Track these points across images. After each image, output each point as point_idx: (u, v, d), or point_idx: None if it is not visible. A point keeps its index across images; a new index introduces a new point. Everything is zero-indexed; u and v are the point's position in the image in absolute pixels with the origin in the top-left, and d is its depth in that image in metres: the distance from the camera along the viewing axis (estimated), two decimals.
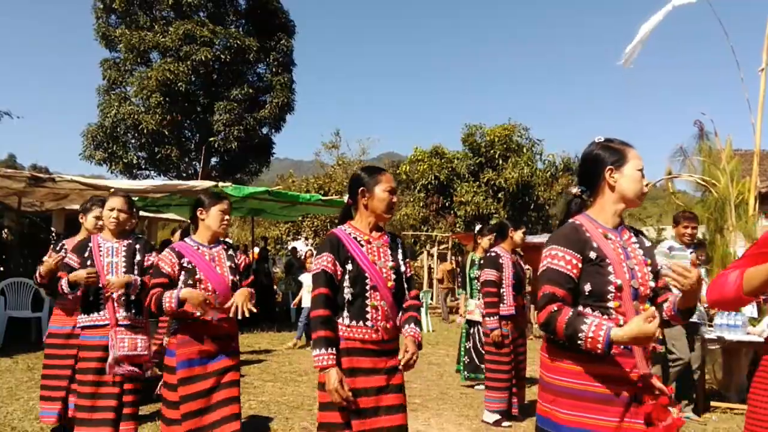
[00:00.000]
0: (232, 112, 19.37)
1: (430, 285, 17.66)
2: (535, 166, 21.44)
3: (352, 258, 2.72)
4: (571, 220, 2.29)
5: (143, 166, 20.39)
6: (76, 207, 11.34)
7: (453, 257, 18.65)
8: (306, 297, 9.40)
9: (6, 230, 11.24)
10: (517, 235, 5.42)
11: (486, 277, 5.21)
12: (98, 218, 4.22)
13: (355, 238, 2.79)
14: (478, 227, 6.55)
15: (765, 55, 5.70)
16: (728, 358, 6.41)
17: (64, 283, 3.66)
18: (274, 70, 20.90)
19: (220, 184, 10.80)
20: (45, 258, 4.17)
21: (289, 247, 18.05)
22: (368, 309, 2.70)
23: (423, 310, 12.94)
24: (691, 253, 5.45)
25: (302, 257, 14.92)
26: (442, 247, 18.97)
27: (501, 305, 5.25)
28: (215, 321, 3.30)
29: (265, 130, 21.33)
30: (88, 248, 3.82)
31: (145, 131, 19.00)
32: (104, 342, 3.64)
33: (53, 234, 10.64)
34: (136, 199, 10.63)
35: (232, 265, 3.51)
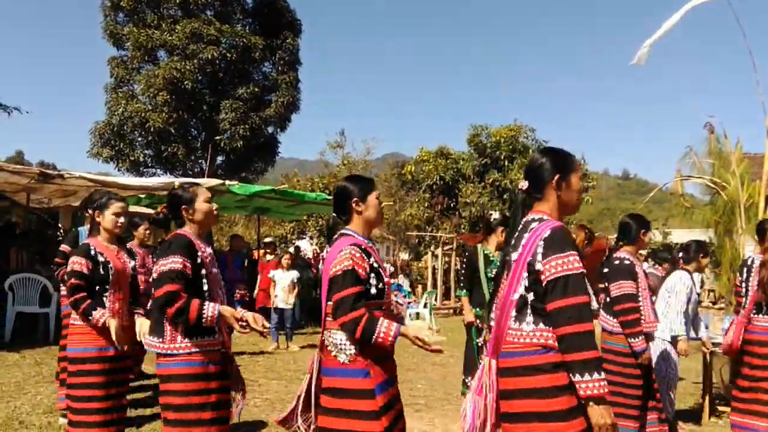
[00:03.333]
0: (237, 110, 19.41)
1: (435, 285, 17.66)
2: None
3: None
4: None
5: (150, 164, 20.46)
6: None
7: (457, 258, 18.65)
8: (281, 296, 9.05)
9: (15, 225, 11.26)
10: (648, 238, 4.48)
11: (623, 291, 4.17)
12: (117, 215, 3.77)
13: None
14: (495, 215, 5.65)
15: None
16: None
17: (208, 312, 2.84)
18: (279, 69, 20.95)
19: (227, 182, 10.84)
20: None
21: (294, 246, 18.06)
22: None
23: (427, 309, 12.92)
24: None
25: (306, 256, 14.93)
26: (446, 247, 18.99)
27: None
28: None
29: (270, 129, 21.38)
30: (196, 251, 3.01)
31: (151, 129, 19.07)
32: (214, 369, 2.97)
33: (61, 230, 10.68)
34: (143, 196, 10.72)
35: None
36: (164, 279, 2.81)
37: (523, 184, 2.39)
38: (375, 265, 2.70)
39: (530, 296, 2.21)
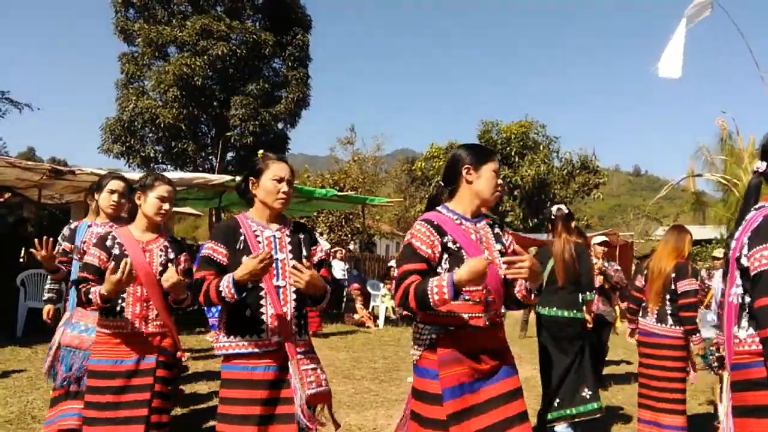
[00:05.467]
0: (248, 107, 19.44)
1: None
2: (552, 163, 21.36)
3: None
4: None
5: (160, 160, 20.55)
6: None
7: None
8: None
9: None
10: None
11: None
12: (162, 200, 3.09)
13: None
14: (558, 208, 4.75)
15: None
16: None
17: (225, 286, 2.38)
18: (289, 65, 20.94)
19: (237, 178, 10.87)
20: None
21: None
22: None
23: None
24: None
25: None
26: None
27: None
28: (486, 324, 2.33)
29: (280, 126, 21.40)
30: (240, 235, 2.57)
31: (162, 125, 19.14)
32: (261, 376, 2.52)
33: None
34: None
35: (502, 248, 2.46)
36: (199, 264, 2.54)
37: (760, 165, 2.09)
38: (453, 246, 2.30)
39: (747, 297, 1.93)
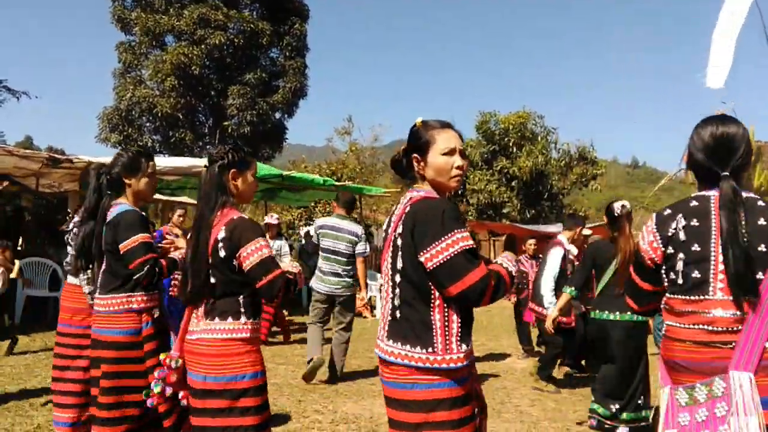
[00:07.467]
0: (245, 96, 19.42)
1: None
2: (550, 154, 21.35)
3: None
4: None
5: (158, 150, 20.53)
6: None
7: None
8: None
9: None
10: None
11: None
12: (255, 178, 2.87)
13: None
14: (623, 206, 4.65)
15: None
16: None
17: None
18: (287, 54, 20.91)
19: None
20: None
21: (302, 232, 18.05)
22: None
23: None
24: None
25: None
26: None
27: None
28: None
29: (277, 115, 21.37)
30: None
31: (159, 114, 19.11)
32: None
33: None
34: None
35: None
36: (464, 262, 1.91)
37: None
38: None
39: None
